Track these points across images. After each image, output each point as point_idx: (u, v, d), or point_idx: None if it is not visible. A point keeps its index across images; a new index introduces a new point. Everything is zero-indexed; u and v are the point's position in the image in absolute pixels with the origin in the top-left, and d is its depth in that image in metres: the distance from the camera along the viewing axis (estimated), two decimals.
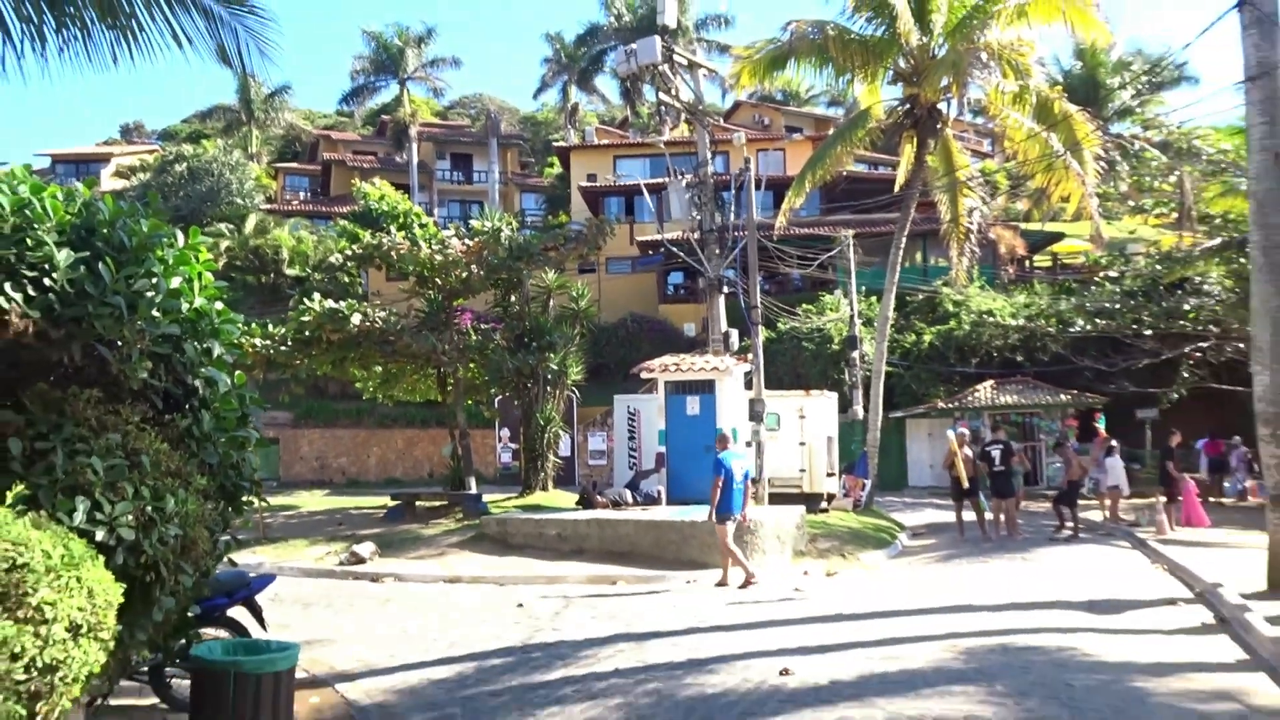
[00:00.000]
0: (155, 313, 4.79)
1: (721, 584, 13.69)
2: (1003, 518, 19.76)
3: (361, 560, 16.48)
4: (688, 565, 15.26)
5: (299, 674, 9.65)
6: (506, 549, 16.96)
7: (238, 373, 5.65)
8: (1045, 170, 22.36)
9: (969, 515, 20.24)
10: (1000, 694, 7.40)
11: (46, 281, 4.57)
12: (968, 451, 19.96)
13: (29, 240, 4.57)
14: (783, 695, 7.63)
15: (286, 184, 67.57)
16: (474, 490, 21.81)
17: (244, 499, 6.20)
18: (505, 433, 34.19)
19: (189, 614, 5.94)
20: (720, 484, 13.81)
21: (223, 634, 7.91)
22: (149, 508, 4.35)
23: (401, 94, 60.11)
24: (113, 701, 7.60)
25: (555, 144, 61.17)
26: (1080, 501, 20.62)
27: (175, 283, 5.04)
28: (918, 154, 24.34)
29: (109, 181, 72.41)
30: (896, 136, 25.44)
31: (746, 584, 13.52)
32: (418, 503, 22.00)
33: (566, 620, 11.13)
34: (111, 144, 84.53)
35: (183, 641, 7.11)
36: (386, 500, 23.03)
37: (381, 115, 71.65)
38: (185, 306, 5.04)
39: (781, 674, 8.18)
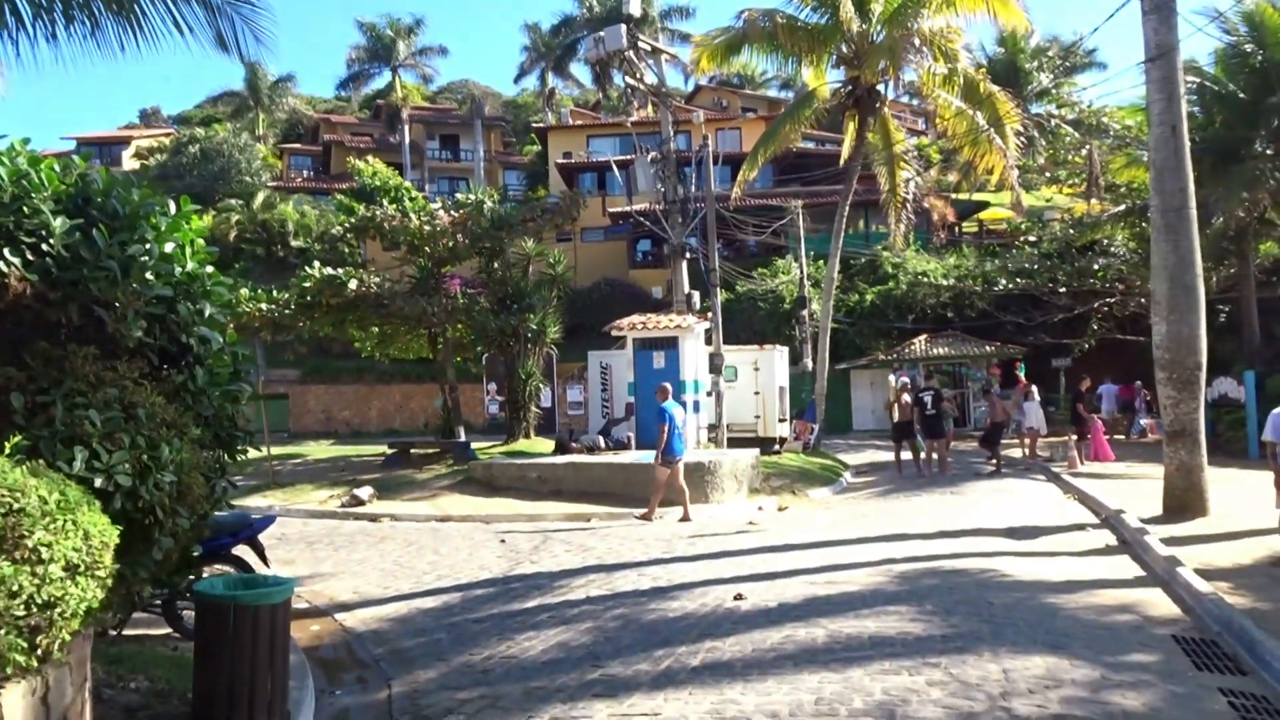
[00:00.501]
0: (149, 276, 4.61)
1: (685, 519, 13.71)
2: (935, 456, 19.85)
3: (361, 502, 16.34)
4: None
5: (301, 605, 9.58)
6: (492, 491, 16.87)
7: (230, 331, 5.47)
8: (972, 145, 22.27)
9: (907, 455, 20.33)
10: (929, 612, 7.40)
11: (44, 247, 4.38)
12: (906, 398, 20.03)
13: (26, 208, 4.37)
14: (736, 618, 7.60)
15: (291, 163, 66.54)
16: (463, 438, 21.66)
17: (239, 448, 6.02)
18: (493, 386, 33.91)
19: (192, 553, 5.80)
20: (666, 431, 13.84)
21: (230, 570, 7.79)
22: (145, 456, 4.20)
23: (394, 80, 59.16)
24: (129, 631, 7.51)
25: (534, 125, 60.46)
26: (1003, 441, 20.78)
27: (169, 248, 4.86)
28: (859, 131, 24.16)
29: (129, 163, 71.13)
30: (840, 115, 25.25)
31: (647, 516, 13.75)
32: (412, 450, 21.85)
33: (544, 554, 11.07)
34: (131, 128, 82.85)
35: (190, 578, 7.00)
36: (384, 449, 22.86)
37: (377, 100, 70.50)
38: (178, 270, 4.86)
39: (735, 599, 8.15)
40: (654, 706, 5.63)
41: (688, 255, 22.66)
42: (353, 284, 19.00)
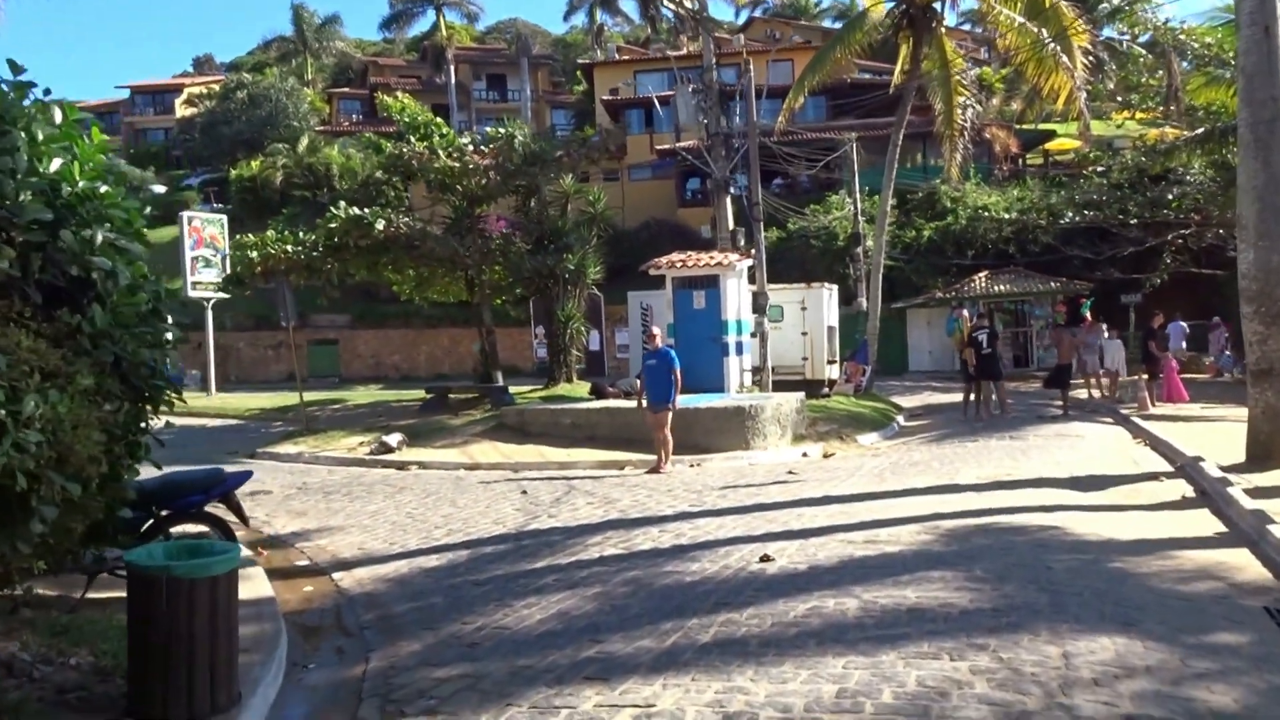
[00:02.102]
0: (25, 195, 3.83)
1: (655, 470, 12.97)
2: (994, 398, 18.73)
3: (390, 449, 15.79)
4: (692, 449, 14.42)
5: (302, 562, 8.97)
6: (525, 437, 16.20)
7: (138, 264, 4.67)
8: (1036, 63, 20.62)
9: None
10: (978, 579, 6.48)
11: None
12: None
13: None
14: (759, 583, 6.76)
15: (340, 108, 66.02)
16: (500, 383, 21.00)
17: (163, 399, 5.26)
18: (540, 330, 33.38)
19: (108, 519, 5.08)
20: (678, 375, 13.06)
21: (206, 530, 7.16)
22: (1, 412, 3.46)
23: (438, 19, 57.96)
24: (96, 595, 6.89)
25: (580, 62, 58.96)
26: (1070, 382, 19.54)
27: (55, 165, 4.07)
28: (913, 54, 22.66)
29: (180, 110, 71.26)
30: (894, 38, 23.69)
31: (657, 469, 13.01)
32: (450, 395, 21.32)
33: (564, 507, 10.33)
34: (184, 76, 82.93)
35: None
36: (424, 394, 22.38)
37: (424, 42, 69.48)
38: (66, 190, 4.08)
39: (761, 560, 7.32)
40: (649, 695, 4.83)
41: (732, 191, 21.53)
42: (380, 224, 18.26)
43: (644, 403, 13.16)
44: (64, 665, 5.45)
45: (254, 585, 7.70)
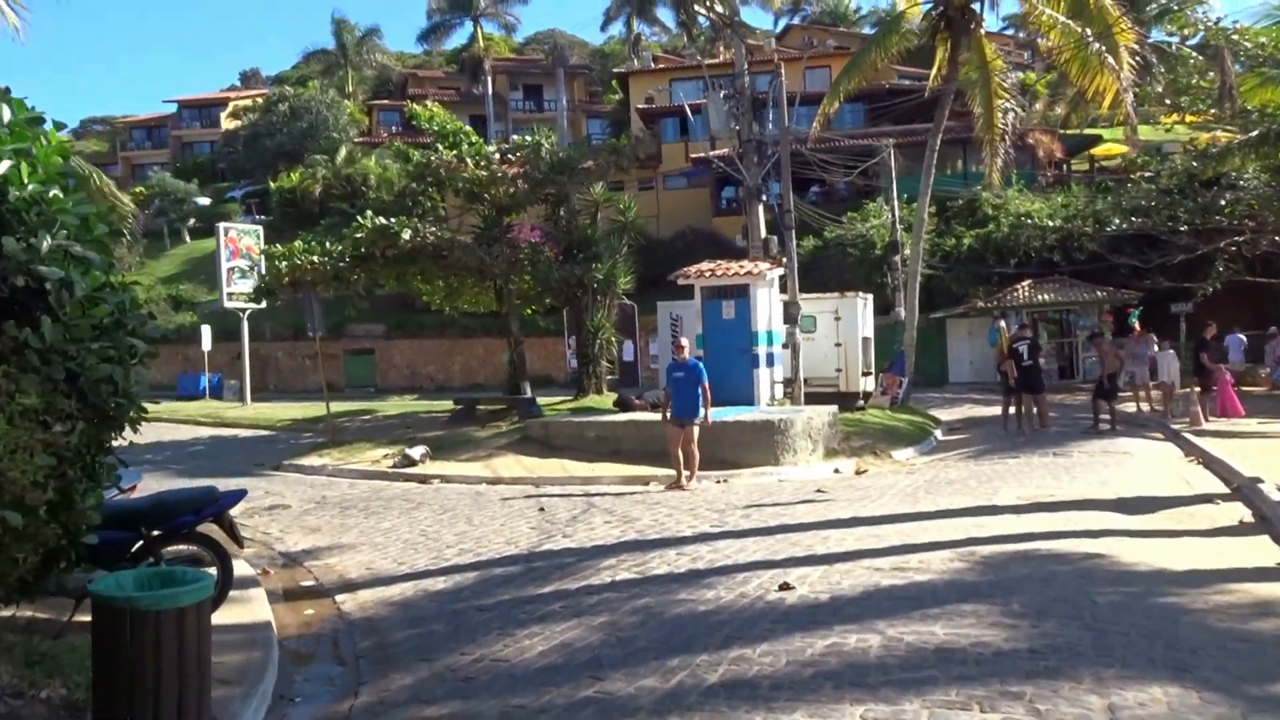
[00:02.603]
0: None
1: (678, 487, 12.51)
2: (1034, 412, 18.07)
3: (413, 462, 15.49)
4: (720, 465, 13.97)
5: (308, 583, 8.66)
6: (549, 450, 15.83)
7: (94, 273, 4.33)
8: (1079, 65, 19.91)
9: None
10: (1015, 614, 5.97)
11: None
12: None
13: None
14: (776, 614, 6.31)
15: (380, 119, 66.41)
16: (529, 394, 20.68)
17: (129, 417, 4.93)
18: (573, 340, 33.11)
19: (64, 548, 4.75)
20: (706, 390, 12.60)
21: (197, 550, 6.84)
22: None
23: (475, 30, 58.09)
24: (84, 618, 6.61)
25: (615, 70, 58.76)
26: (1118, 395, 18.80)
27: (1, 168, 3.76)
28: (950, 56, 22.06)
29: (226, 122, 72.20)
30: (932, 42, 23.10)
31: (678, 485, 12.58)
32: (478, 407, 21.05)
33: (581, 525, 9.92)
34: (231, 90, 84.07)
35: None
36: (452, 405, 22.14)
37: (462, 54, 69.77)
38: (14, 194, 3.77)
39: (781, 589, 6.86)
40: None
41: (764, 198, 21.08)
42: (406, 234, 18.01)
43: (669, 415, 12.71)
44: (34, 698, 5.14)
45: (252, 609, 7.40)
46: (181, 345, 42.00)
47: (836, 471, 14.20)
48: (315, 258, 18.07)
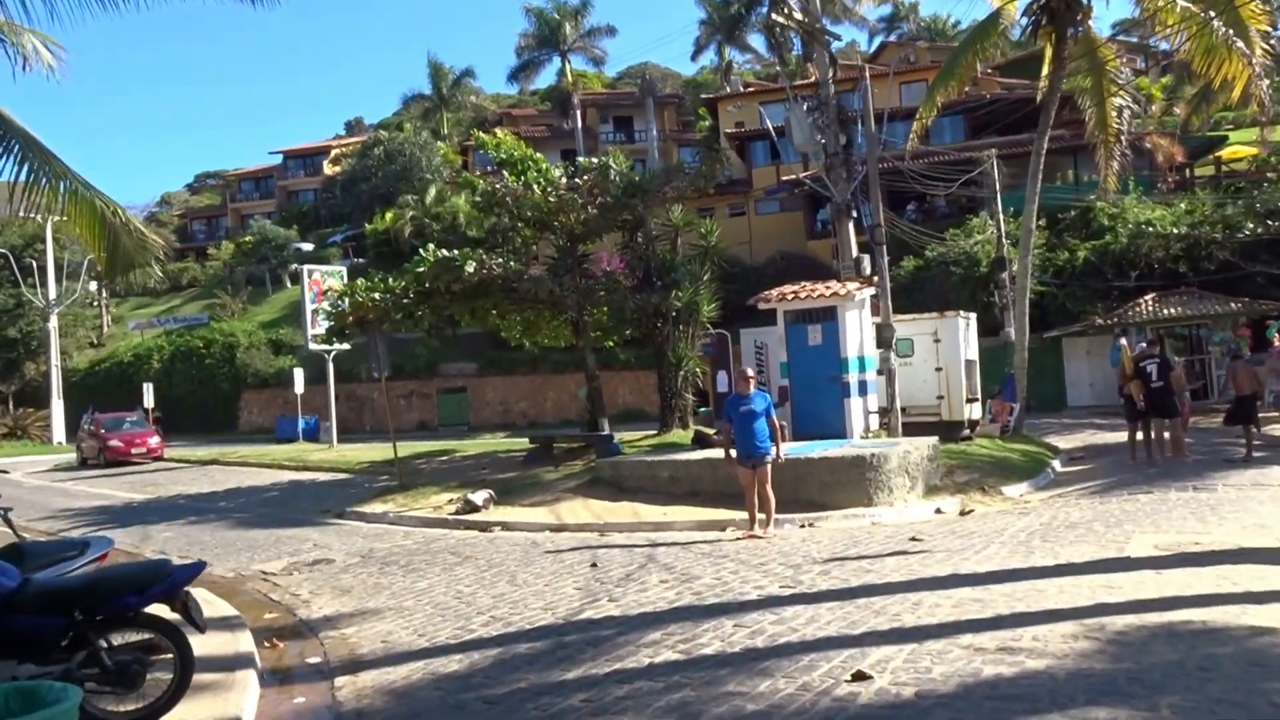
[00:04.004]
0: None
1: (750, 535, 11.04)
2: (1166, 438, 16.03)
3: (475, 508, 14.42)
4: (805, 506, 12.52)
5: (313, 659, 7.47)
6: (620, 493, 14.57)
7: None
8: (1204, 54, 17.81)
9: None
10: None
11: None
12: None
13: None
14: (845, 718, 4.89)
15: (475, 159, 66.92)
16: (607, 431, 19.50)
17: None
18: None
19: None
20: (778, 425, 11.21)
21: (150, 638, 5.77)
22: None
23: (563, 65, 58.00)
24: None
25: (704, 96, 57.81)
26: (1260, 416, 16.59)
27: None
28: (1056, 53, 20.18)
29: (328, 169, 73.98)
30: (1035, 37, 21.25)
31: (750, 532, 11.11)
32: (555, 445, 19.97)
33: (633, 585, 8.60)
34: (338, 139, 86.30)
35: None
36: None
37: (556, 92, 70.00)
38: None
39: (854, 679, 5.42)
40: None
41: (853, 214, 19.56)
42: (470, 266, 17.12)
43: (733, 454, 11.31)
44: None
45: (227, 701, 6.29)
46: (281, 389, 42.43)
47: (938, 512, 12.56)
48: (377, 294, 17.34)
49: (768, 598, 7.69)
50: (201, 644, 7.54)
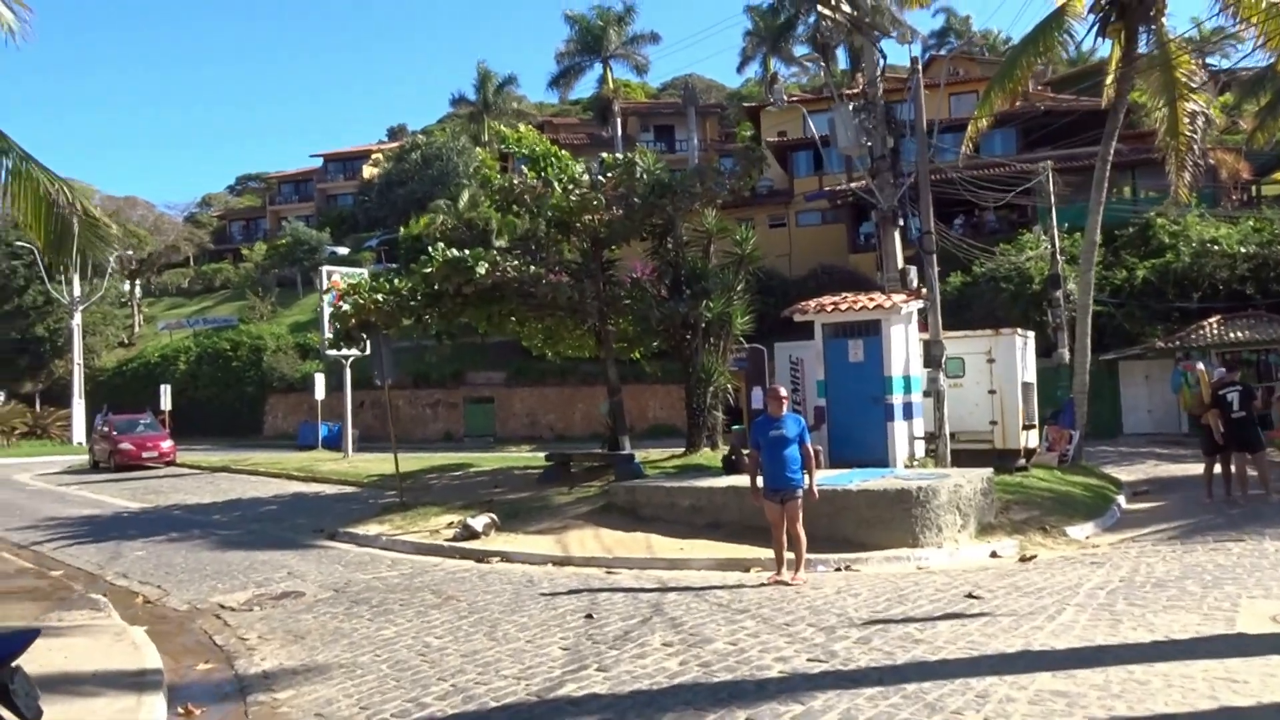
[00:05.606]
0: None
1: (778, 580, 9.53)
2: (1251, 473, 14.26)
3: (474, 535, 12.99)
4: (842, 545, 10.96)
5: None
6: (635, 521, 13.08)
7: None
8: None
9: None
10: None
11: None
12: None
13: None
14: None
15: (514, 165, 65.91)
16: (628, 450, 18.00)
17: None
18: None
19: None
20: (812, 453, 9.65)
21: None
22: None
23: (605, 72, 56.75)
24: None
25: (745, 105, 56.33)
26: None
27: None
28: (1125, 52, 18.49)
29: (367, 173, 73.46)
30: (1103, 34, 19.51)
31: (779, 578, 9.58)
32: (572, 463, 18.52)
33: (630, 648, 7.08)
34: (381, 144, 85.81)
35: None
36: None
37: (597, 100, 68.88)
38: None
39: None
40: None
41: (900, 222, 17.96)
42: (482, 268, 15.72)
43: (759, 484, 9.77)
44: None
45: None
46: (306, 394, 41.38)
47: (994, 556, 10.93)
48: (380, 296, 16.01)
49: (791, 675, 6.14)
50: (100, 710, 6.18)
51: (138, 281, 59.36)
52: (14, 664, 4.34)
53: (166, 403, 35.89)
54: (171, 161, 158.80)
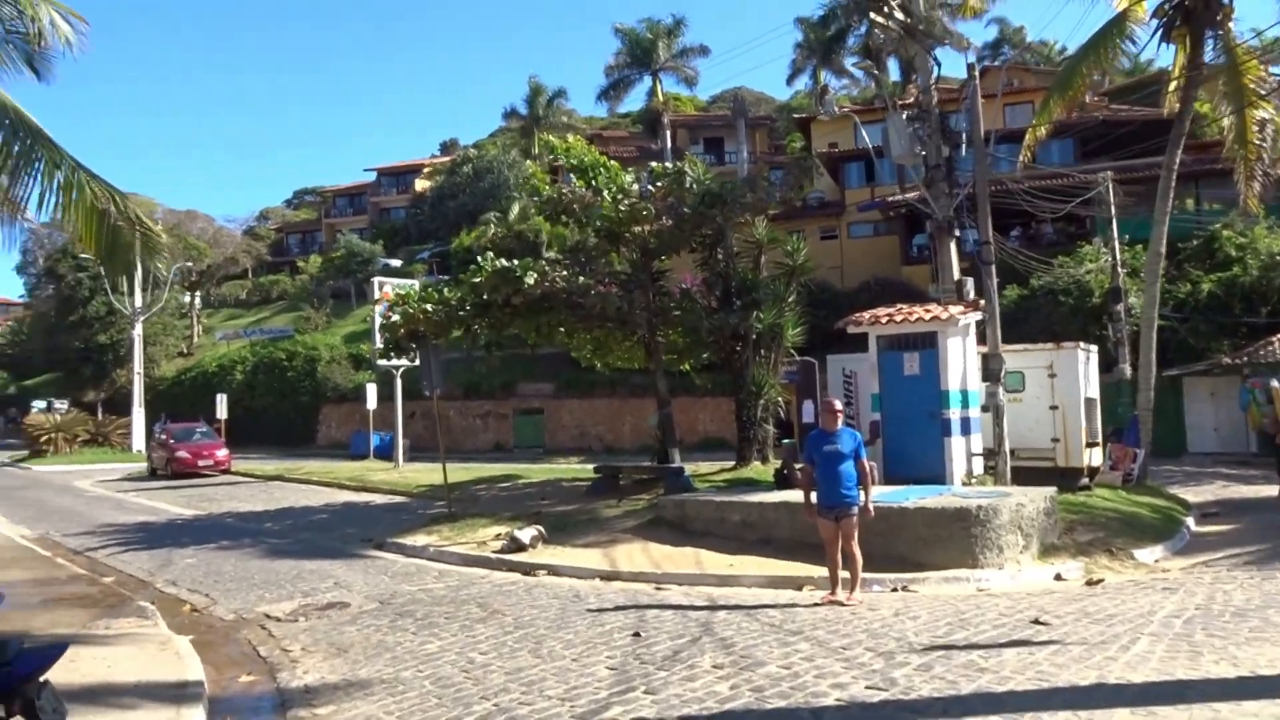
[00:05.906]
0: None
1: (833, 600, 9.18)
2: None
3: (521, 547, 12.79)
4: (898, 564, 10.57)
5: None
6: (684, 536, 12.79)
7: None
8: None
9: None
10: None
11: None
12: None
13: None
14: None
15: (564, 178, 66.10)
16: (678, 463, 17.72)
17: None
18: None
19: None
20: (868, 469, 9.38)
21: None
22: None
23: (654, 85, 56.67)
24: None
25: (795, 116, 55.88)
26: None
27: None
28: (1190, 57, 17.89)
29: (419, 186, 74.17)
30: (1167, 40, 18.91)
31: (833, 598, 9.27)
32: (620, 476, 18.30)
33: (679, 669, 6.81)
34: (432, 159, 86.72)
35: None
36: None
37: (647, 113, 68.85)
38: None
39: None
40: None
41: (956, 233, 17.52)
42: (530, 278, 15.59)
43: (813, 500, 9.42)
44: None
45: None
46: (359, 404, 41.61)
47: (1058, 579, 10.47)
48: (429, 306, 15.94)
49: (850, 704, 5.83)
50: None
51: (197, 293, 60.46)
52: (42, 679, 4.20)
53: (223, 411, 36.34)
54: (230, 176, 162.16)
